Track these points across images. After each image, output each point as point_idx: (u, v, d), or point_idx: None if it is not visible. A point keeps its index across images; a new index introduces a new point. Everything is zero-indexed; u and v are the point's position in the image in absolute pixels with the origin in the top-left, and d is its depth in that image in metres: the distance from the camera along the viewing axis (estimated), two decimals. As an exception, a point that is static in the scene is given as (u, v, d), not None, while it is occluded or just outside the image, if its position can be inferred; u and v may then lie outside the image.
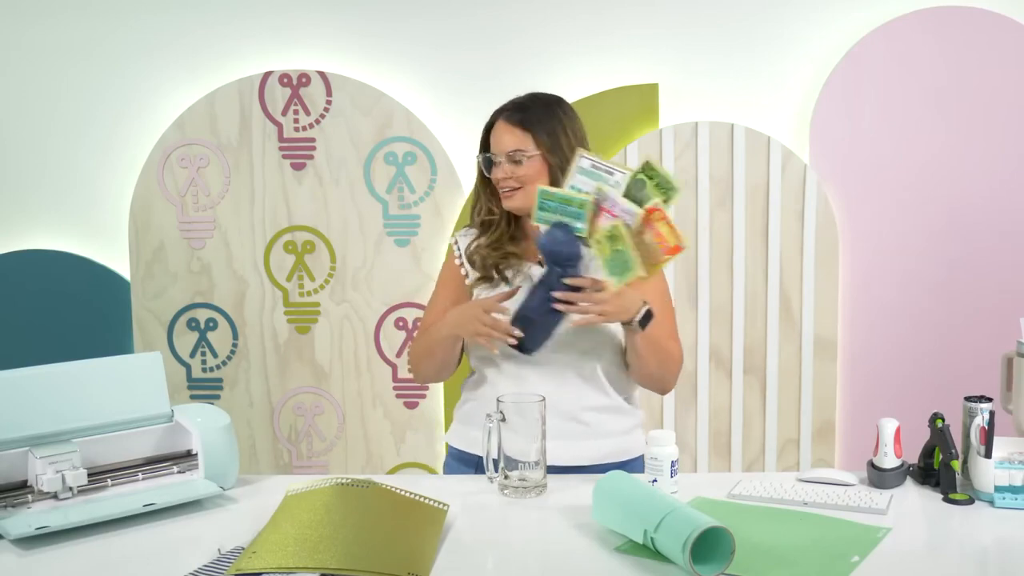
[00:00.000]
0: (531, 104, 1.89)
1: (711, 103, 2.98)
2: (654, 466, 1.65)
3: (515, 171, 1.85)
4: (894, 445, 1.69)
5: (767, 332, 2.98)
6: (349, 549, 1.37)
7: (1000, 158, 2.89)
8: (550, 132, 1.86)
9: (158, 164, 3.10)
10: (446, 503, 1.58)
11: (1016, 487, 1.58)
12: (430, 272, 3.07)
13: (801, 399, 2.99)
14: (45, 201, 3.19)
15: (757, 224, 2.96)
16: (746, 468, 3.03)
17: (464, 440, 1.95)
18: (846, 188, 2.95)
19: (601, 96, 2.97)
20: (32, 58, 3.14)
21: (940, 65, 2.88)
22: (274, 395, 3.16)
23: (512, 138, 1.85)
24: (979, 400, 1.69)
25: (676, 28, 2.98)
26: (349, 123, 3.05)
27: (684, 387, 3.03)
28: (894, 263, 2.95)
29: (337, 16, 3.06)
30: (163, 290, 3.15)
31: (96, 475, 1.64)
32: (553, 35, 3.00)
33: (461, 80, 3.04)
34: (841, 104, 2.92)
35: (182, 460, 1.73)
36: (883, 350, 2.98)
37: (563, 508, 1.63)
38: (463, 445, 1.95)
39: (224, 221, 3.11)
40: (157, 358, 1.78)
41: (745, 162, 2.94)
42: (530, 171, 1.85)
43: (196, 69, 3.09)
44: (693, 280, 3.00)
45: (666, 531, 1.36)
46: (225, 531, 1.54)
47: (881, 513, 1.58)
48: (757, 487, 1.71)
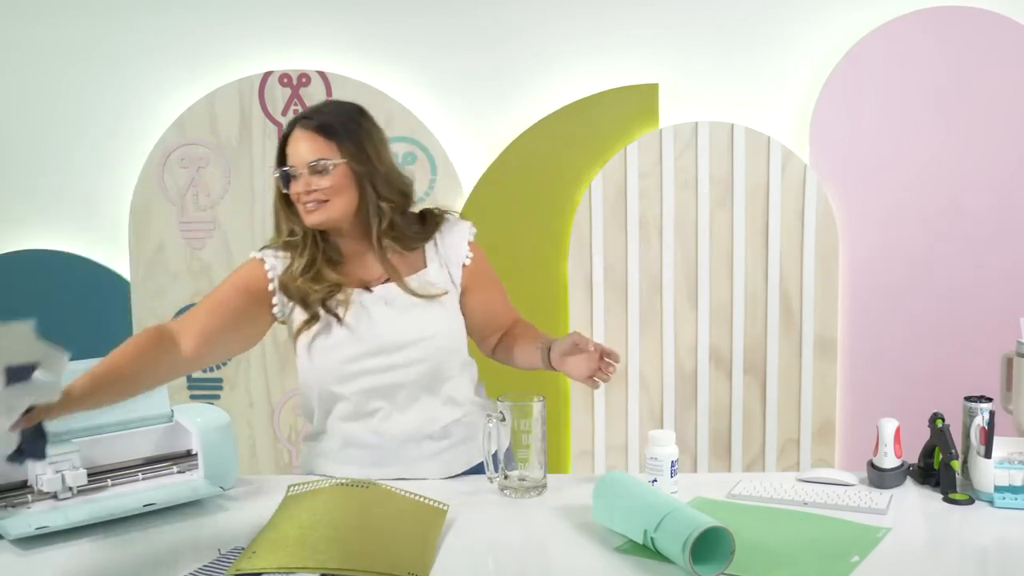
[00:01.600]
0: (331, 110, 1.77)
1: (711, 103, 2.98)
2: (654, 466, 1.65)
3: (318, 183, 1.70)
4: (894, 445, 1.69)
5: (767, 332, 2.98)
6: (349, 549, 1.37)
7: (1000, 158, 2.89)
8: (354, 139, 1.72)
9: (158, 164, 3.10)
10: (446, 503, 1.58)
11: (1016, 487, 1.58)
12: (430, 272, 3.07)
13: (801, 399, 2.99)
14: (45, 201, 3.19)
15: (757, 224, 2.96)
16: (746, 468, 3.03)
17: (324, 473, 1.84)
18: (846, 188, 2.95)
19: (601, 96, 2.97)
20: (32, 58, 3.14)
21: (940, 65, 2.88)
22: (274, 395, 3.16)
23: (313, 146, 1.70)
24: (979, 400, 1.69)
25: (676, 28, 2.98)
26: (349, 123, 3.05)
27: (684, 387, 3.03)
28: (894, 263, 2.95)
29: (337, 16, 3.06)
30: (163, 290, 3.15)
31: (96, 475, 1.64)
32: (553, 35, 3.00)
33: (461, 80, 3.04)
34: (841, 104, 2.92)
35: (182, 460, 1.73)
36: (883, 350, 2.98)
37: (563, 508, 1.63)
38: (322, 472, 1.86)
39: (224, 221, 3.11)
40: (157, 358, 1.77)
41: (745, 162, 2.94)
42: (336, 182, 1.71)
43: (196, 69, 3.09)
44: (693, 280, 3.00)
45: (666, 531, 1.36)
46: (225, 531, 1.54)
47: (881, 513, 1.58)
48: (757, 487, 1.71)
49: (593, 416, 3.06)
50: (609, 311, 3.02)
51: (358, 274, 1.80)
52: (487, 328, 1.93)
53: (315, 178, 1.71)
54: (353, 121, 1.75)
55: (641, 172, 2.97)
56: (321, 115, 1.74)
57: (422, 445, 1.81)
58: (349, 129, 1.73)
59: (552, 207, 3.01)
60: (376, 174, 1.74)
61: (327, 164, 1.70)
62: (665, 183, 2.96)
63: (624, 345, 3.02)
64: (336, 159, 1.71)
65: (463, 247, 1.86)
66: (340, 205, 1.73)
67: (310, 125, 1.72)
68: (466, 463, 1.85)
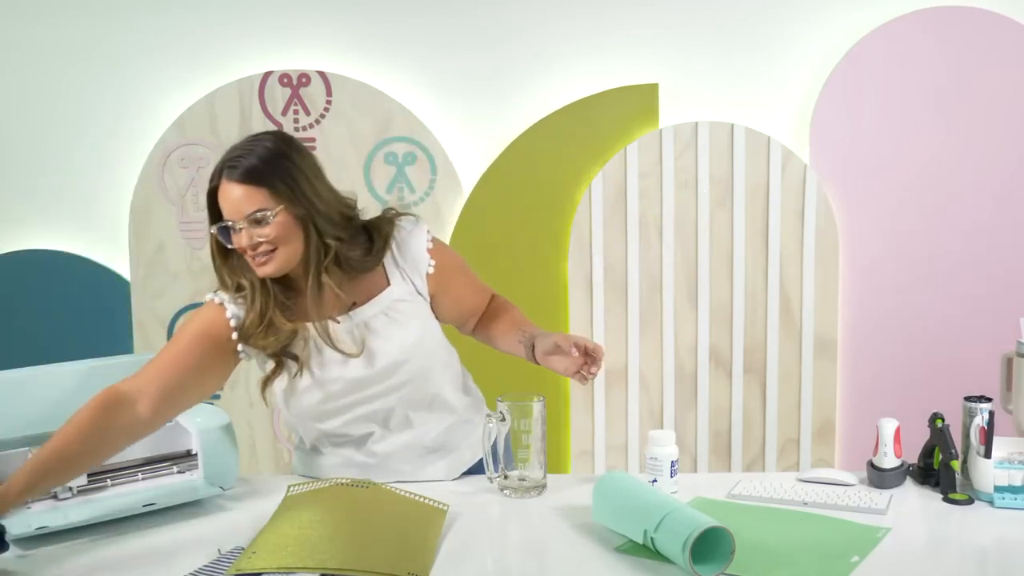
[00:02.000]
0: (254, 151, 1.60)
1: (711, 103, 2.98)
2: (654, 466, 1.65)
3: (261, 233, 1.59)
4: (894, 445, 1.69)
5: (767, 332, 2.98)
6: (349, 549, 1.37)
7: (1000, 158, 2.89)
8: (286, 180, 1.59)
9: (158, 164, 3.10)
10: (446, 503, 1.58)
11: (1016, 487, 1.58)
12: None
13: (801, 399, 2.99)
14: (45, 201, 3.19)
15: (757, 224, 2.96)
16: (746, 468, 3.03)
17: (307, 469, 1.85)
18: (846, 188, 2.95)
19: (601, 96, 2.97)
20: (32, 58, 3.14)
21: (940, 65, 2.88)
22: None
23: (246, 197, 1.58)
24: (979, 400, 1.69)
25: (676, 28, 2.98)
26: (349, 123, 3.05)
27: (684, 387, 3.03)
28: (894, 263, 2.95)
29: (337, 16, 3.06)
30: (163, 290, 3.15)
31: (96, 475, 1.65)
32: (553, 35, 3.00)
33: (461, 80, 3.04)
34: (841, 104, 2.92)
35: (182, 460, 1.73)
36: (883, 350, 2.98)
37: (563, 508, 1.63)
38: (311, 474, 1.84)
39: (224, 221, 3.11)
40: (157, 358, 1.77)
41: (745, 162, 2.94)
42: (279, 231, 1.60)
43: (196, 69, 3.08)
44: (693, 280, 3.00)
45: (666, 531, 1.36)
46: (225, 531, 1.54)
47: (881, 513, 1.58)
48: (757, 487, 1.71)
49: (593, 416, 3.06)
50: (609, 311, 3.02)
51: (318, 308, 1.67)
52: (462, 318, 1.91)
53: (256, 229, 1.59)
54: (280, 159, 1.60)
55: (641, 172, 2.97)
56: (245, 160, 1.59)
57: (420, 458, 1.80)
58: (278, 170, 1.59)
59: (552, 207, 3.01)
60: (316, 213, 1.62)
61: (266, 215, 1.58)
62: (665, 183, 2.96)
63: (624, 345, 3.02)
64: (274, 207, 1.59)
65: (423, 256, 1.76)
66: (289, 251, 1.62)
67: (236, 176, 1.58)
68: (467, 462, 1.84)
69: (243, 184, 1.58)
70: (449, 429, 1.81)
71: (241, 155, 1.60)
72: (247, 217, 1.58)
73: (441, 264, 1.79)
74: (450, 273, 1.82)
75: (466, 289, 1.89)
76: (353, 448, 1.78)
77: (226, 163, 1.60)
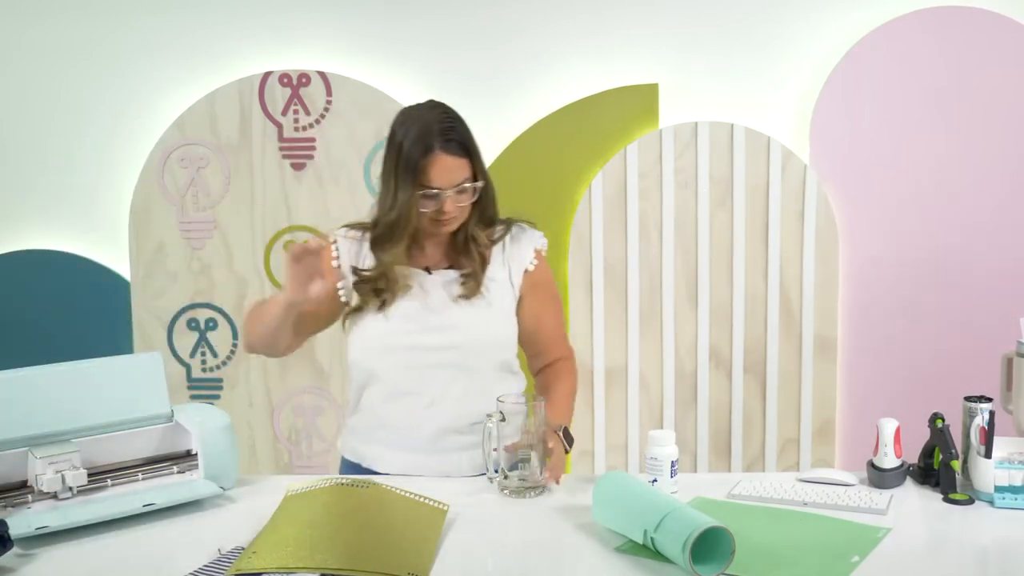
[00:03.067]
0: (457, 126, 1.77)
1: (711, 103, 2.98)
2: (654, 466, 1.65)
3: (462, 200, 1.77)
4: (894, 445, 1.69)
5: (767, 332, 2.98)
6: (349, 549, 1.37)
7: (1000, 158, 2.89)
8: (479, 155, 1.79)
9: (158, 164, 3.10)
10: (446, 503, 1.58)
11: (1016, 487, 1.58)
12: (430, 272, 3.07)
13: (801, 399, 2.99)
14: (45, 201, 3.19)
15: (757, 224, 2.96)
16: (746, 468, 3.03)
17: (354, 454, 1.91)
18: (846, 188, 2.95)
19: (601, 96, 2.97)
20: (32, 58, 3.14)
21: (940, 65, 2.88)
22: (274, 395, 3.16)
23: (459, 170, 1.75)
24: (979, 400, 1.69)
25: (676, 28, 2.98)
26: (349, 123, 3.05)
27: (684, 387, 3.03)
28: (894, 263, 2.95)
29: (337, 16, 3.06)
30: (163, 290, 3.15)
31: (96, 475, 1.64)
32: (553, 35, 3.00)
33: (461, 80, 3.04)
34: (841, 104, 2.92)
35: (182, 460, 1.73)
36: (883, 350, 2.98)
37: (563, 508, 1.63)
38: (354, 458, 1.91)
39: (224, 221, 3.11)
40: (157, 358, 1.78)
41: (745, 162, 2.94)
42: (470, 197, 1.79)
43: (196, 69, 3.09)
44: (693, 280, 3.00)
45: (666, 531, 1.36)
46: (225, 531, 1.54)
47: (881, 513, 1.58)
48: (757, 487, 1.71)
49: (593, 416, 3.06)
50: (609, 311, 3.02)
51: (422, 256, 1.85)
52: (533, 344, 1.92)
53: (460, 196, 1.76)
54: (471, 134, 1.79)
55: (641, 172, 2.97)
56: (457, 135, 1.75)
57: (451, 438, 1.82)
58: (475, 145, 1.78)
59: (552, 207, 3.01)
60: (489, 184, 1.82)
61: (475, 187, 1.77)
62: (665, 183, 2.96)
63: (624, 345, 3.02)
64: (474, 179, 1.77)
65: (529, 252, 1.88)
66: (467, 212, 1.80)
67: (454, 148, 1.74)
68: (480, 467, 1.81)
69: (458, 157, 1.74)
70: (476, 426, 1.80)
71: (452, 127, 1.75)
72: (456, 186, 1.74)
73: (541, 271, 1.90)
74: (544, 286, 1.90)
75: (548, 313, 1.91)
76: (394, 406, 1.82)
77: (440, 134, 1.73)
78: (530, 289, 1.88)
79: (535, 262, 1.89)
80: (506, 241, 1.88)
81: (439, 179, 1.74)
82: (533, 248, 1.89)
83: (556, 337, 1.95)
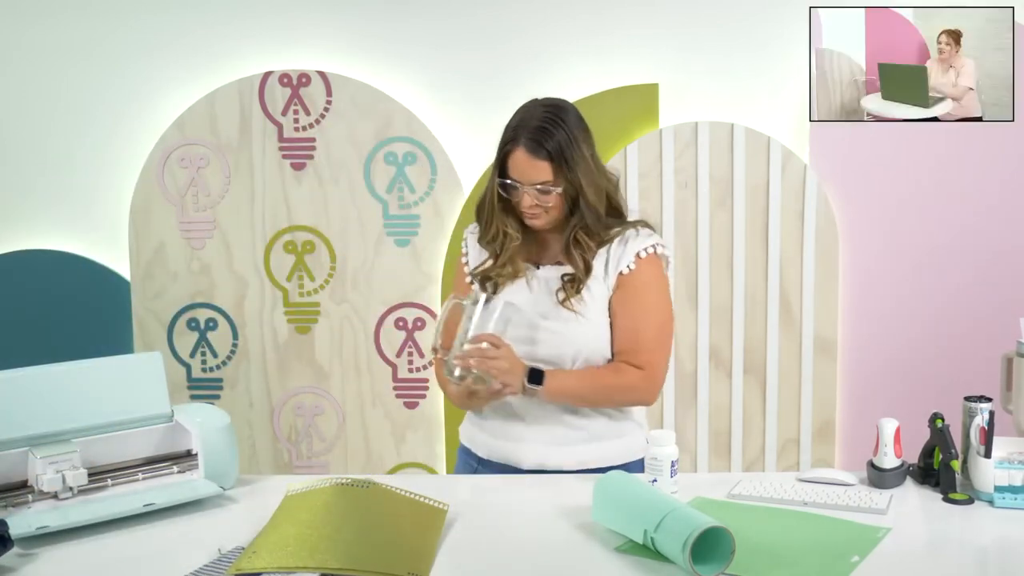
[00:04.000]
0: (552, 129, 1.80)
1: (711, 103, 2.97)
2: (654, 466, 1.65)
3: (542, 200, 1.81)
4: (894, 445, 1.69)
5: (767, 332, 2.98)
6: (349, 549, 1.37)
7: (1000, 158, 2.89)
8: (572, 163, 1.80)
9: (158, 164, 3.10)
10: (446, 503, 1.58)
11: (1016, 487, 1.58)
12: (430, 272, 3.07)
13: (801, 399, 2.99)
14: (45, 201, 3.19)
15: (757, 224, 2.96)
16: (746, 468, 3.03)
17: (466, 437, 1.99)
18: (846, 188, 2.95)
19: (601, 96, 2.97)
20: (32, 58, 3.14)
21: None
22: (274, 395, 3.16)
23: (538, 172, 1.79)
24: (979, 400, 1.69)
25: (676, 28, 2.97)
26: (349, 123, 3.05)
27: (684, 387, 3.03)
28: (894, 263, 2.95)
29: (337, 16, 3.06)
30: (163, 290, 3.15)
31: (96, 475, 1.64)
32: (553, 35, 3.00)
33: (461, 80, 3.04)
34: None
35: (182, 460, 1.73)
36: (883, 350, 2.98)
37: (563, 508, 1.63)
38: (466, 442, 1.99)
39: (224, 221, 3.11)
40: (157, 358, 1.78)
41: (745, 162, 2.94)
42: (556, 200, 1.82)
43: (196, 69, 3.08)
44: (693, 280, 2.99)
45: (666, 531, 1.36)
46: (225, 531, 1.54)
47: (881, 513, 1.58)
48: (757, 487, 1.71)
49: (593, 416, 3.05)
50: (609, 311, 3.02)
51: (532, 250, 1.90)
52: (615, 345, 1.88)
53: (542, 196, 1.80)
54: (571, 144, 1.80)
55: (641, 172, 2.97)
56: (544, 138, 1.78)
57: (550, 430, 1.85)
58: (569, 153, 1.79)
59: (552, 207, 3.01)
60: (584, 191, 1.81)
61: (549, 188, 1.80)
62: (665, 183, 2.96)
63: (624, 345, 3.02)
64: (556, 184, 1.80)
65: (630, 255, 1.86)
66: (556, 213, 1.83)
67: (538, 149, 1.78)
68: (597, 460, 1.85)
69: (539, 160, 1.79)
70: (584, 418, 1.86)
71: (543, 128, 1.79)
72: (533, 184, 1.79)
73: (636, 275, 1.86)
74: (634, 290, 1.85)
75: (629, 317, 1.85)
76: None
77: (527, 133, 1.79)
78: (619, 290, 1.86)
79: (632, 266, 1.85)
80: (614, 243, 1.87)
81: (515, 172, 1.81)
82: (635, 252, 1.86)
83: (631, 345, 1.86)
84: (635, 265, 1.85)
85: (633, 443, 1.90)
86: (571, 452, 1.85)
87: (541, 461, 1.85)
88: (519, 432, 1.87)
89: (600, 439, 1.87)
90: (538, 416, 1.86)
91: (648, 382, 1.87)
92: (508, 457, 1.88)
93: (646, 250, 1.86)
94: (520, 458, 1.86)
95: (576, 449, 1.86)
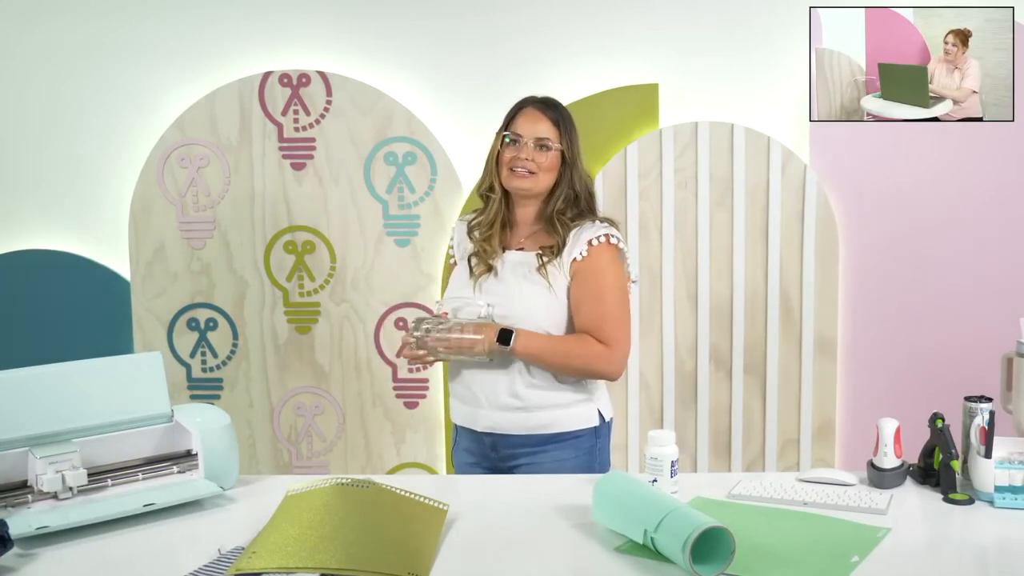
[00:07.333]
0: (557, 103, 2.07)
1: (711, 103, 2.97)
2: (654, 466, 1.65)
3: (537, 156, 1.99)
4: (894, 445, 1.69)
5: (767, 332, 2.98)
6: (349, 549, 1.37)
7: (1000, 158, 2.89)
8: (571, 135, 2.03)
9: (158, 164, 3.10)
10: (446, 503, 1.58)
11: (1016, 487, 1.58)
12: (430, 272, 3.07)
13: (801, 399, 2.99)
14: (45, 201, 3.19)
15: (757, 224, 2.96)
16: (746, 468, 3.03)
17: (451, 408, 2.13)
18: (846, 188, 2.95)
19: (601, 96, 2.97)
20: (32, 58, 3.14)
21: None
22: (274, 395, 3.16)
23: (544, 127, 2.00)
24: (979, 400, 1.69)
25: (676, 28, 2.97)
26: (349, 123, 3.05)
27: (684, 387, 3.03)
28: (894, 263, 2.95)
29: (337, 16, 3.06)
30: (163, 290, 3.15)
31: (96, 475, 1.64)
32: (553, 35, 3.00)
33: (461, 80, 3.04)
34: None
35: (182, 460, 1.73)
36: (883, 350, 2.98)
37: (563, 508, 1.63)
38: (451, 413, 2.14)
39: (224, 221, 3.11)
40: (157, 358, 1.78)
41: (745, 162, 2.94)
42: (550, 162, 2.00)
43: (196, 69, 3.08)
44: (693, 280, 3.00)
45: (666, 531, 1.36)
46: (225, 531, 1.54)
47: (881, 513, 1.58)
48: (757, 487, 1.71)
49: (593, 416, 3.05)
50: (609, 311, 3.02)
51: (503, 236, 2.07)
52: (579, 327, 2.00)
53: (536, 151, 1.99)
54: (572, 121, 2.05)
55: (641, 172, 2.97)
56: (552, 103, 2.05)
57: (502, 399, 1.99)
58: (569, 125, 2.04)
59: (552, 207, 3.01)
60: (576, 168, 2.03)
61: (551, 144, 2.00)
62: (665, 183, 2.96)
63: (624, 345, 3.02)
64: (557, 144, 2.00)
65: (583, 243, 2.00)
66: (544, 180, 2.01)
67: (545, 109, 2.03)
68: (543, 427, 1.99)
69: (545, 116, 2.02)
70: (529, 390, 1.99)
71: (549, 99, 2.06)
72: (536, 139, 1.99)
73: (591, 260, 1.99)
74: (587, 276, 1.99)
75: (586, 300, 1.99)
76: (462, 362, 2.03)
77: (535, 99, 2.06)
78: (575, 278, 1.99)
79: (584, 253, 1.98)
80: (572, 234, 2.01)
81: (522, 126, 2.01)
82: (587, 240, 1.99)
83: (594, 324, 1.98)
84: (587, 252, 1.99)
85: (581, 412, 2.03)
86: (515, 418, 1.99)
87: (492, 425, 2.01)
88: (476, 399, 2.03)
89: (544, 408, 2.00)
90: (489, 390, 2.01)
91: (613, 356, 1.99)
92: (467, 420, 2.05)
93: (598, 238, 2.00)
94: (476, 420, 2.03)
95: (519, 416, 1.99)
